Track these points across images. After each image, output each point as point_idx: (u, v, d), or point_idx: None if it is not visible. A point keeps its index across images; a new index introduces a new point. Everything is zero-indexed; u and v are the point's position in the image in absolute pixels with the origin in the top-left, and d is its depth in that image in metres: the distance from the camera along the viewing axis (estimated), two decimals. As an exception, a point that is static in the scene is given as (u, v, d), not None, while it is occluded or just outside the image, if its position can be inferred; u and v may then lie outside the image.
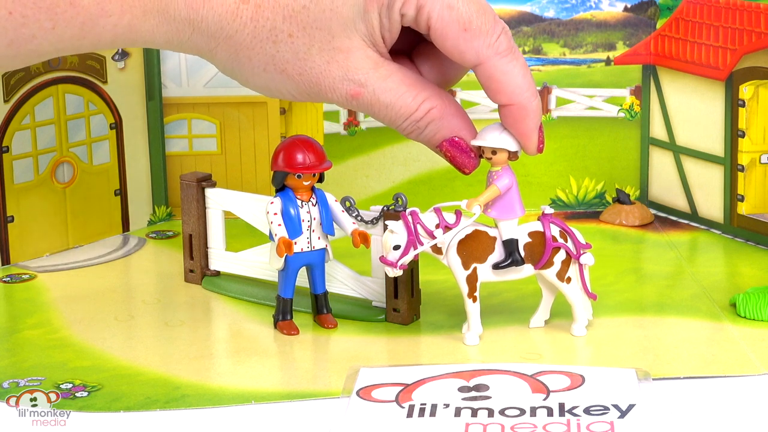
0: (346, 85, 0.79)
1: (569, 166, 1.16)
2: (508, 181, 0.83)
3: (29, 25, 0.74)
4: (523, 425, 0.70)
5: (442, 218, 0.83)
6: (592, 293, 0.86)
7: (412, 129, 0.81)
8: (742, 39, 1.05)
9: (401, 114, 0.80)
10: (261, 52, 0.78)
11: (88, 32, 0.75)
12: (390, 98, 0.79)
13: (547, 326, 0.87)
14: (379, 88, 0.79)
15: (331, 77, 0.79)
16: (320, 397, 0.76)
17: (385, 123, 0.81)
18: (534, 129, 0.81)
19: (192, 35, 0.78)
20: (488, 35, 0.77)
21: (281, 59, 0.78)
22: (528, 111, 0.79)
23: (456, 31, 0.77)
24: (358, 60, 0.78)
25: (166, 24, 0.77)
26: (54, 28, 0.75)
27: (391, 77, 0.79)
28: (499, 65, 0.78)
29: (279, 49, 0.78)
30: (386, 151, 1.16)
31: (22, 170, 1.03)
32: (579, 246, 0.85)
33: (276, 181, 0.86)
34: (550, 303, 0.87)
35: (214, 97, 1.14)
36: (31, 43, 0.75)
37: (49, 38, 0.75)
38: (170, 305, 0.94)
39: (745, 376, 0.79)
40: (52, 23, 0.74)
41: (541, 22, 1.16)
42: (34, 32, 0.75)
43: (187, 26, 0.77)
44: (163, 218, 1.15)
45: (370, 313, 0.90)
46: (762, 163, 1.06)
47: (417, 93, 0.80)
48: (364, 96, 0.79)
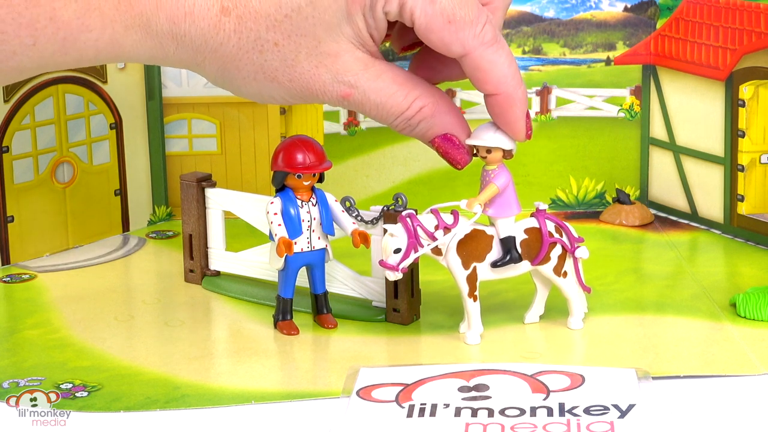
0: (337, 87, 0.79)
1: (569, 166, 1.16)
2: (506, 179, 0.83)
3: (9, 42, 0.74)
4: (523, 425, 0.70)
5: (440, 219, 0.83)
6: (586, 286, 0.87)
7: (404, 126, 0.81)
8: (742, 39, 1.05)
9: (393, 112, 0.80)
10: (249, 63, 0.78)
11: (69, 48, 0.75)
12: (381, 98, 0.79)
13: (547, 325, 0.87)
14: (369, 88, 0.79)
15: (321, 81, 0.79)
16: (320, 397, 0.76)
17: (377, 121, 0.81)
18: (521, 117, 0.81)
19: (176, 50, 0.77)
20: (473, 26, 0.78)
21: (270, 67, 0.78)
22: (514, 99, 0.80)
23: (440, 24, 0.77)
24: (347, 62, 0.78)
25: (149, 39, 0.77)
26: (35, 45, 0.75)
27: (382, 77, 0.79)
28: (485, 55, 0.78)
29: (266, 58, 0.78)
30: (386, 151, 1.16)
31: (22, 170, 1.03)
32: (573, 240, 0.85)
33: (276, 181, 0.86)
34: (544, 298, 0.88)
35: (214, 97, 1.14)
36: (12, 60, 0.75)
37: (30, 54, 0.75)
38: (170, 305, 0.94)
39: (745, 376, 0.79)
40: (32, 39, 0.74)
41: (541, 22, 1.16)
42: (15, 48, 0.75)
43: (170, 41, 0.77)
44: (163, 218, 1.15)
45: (370, 313, 0.90)
46: (762, 163, 1.06)
47: (408, 91, 0.80)
48: (354, 96, 0.79)
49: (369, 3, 0.77)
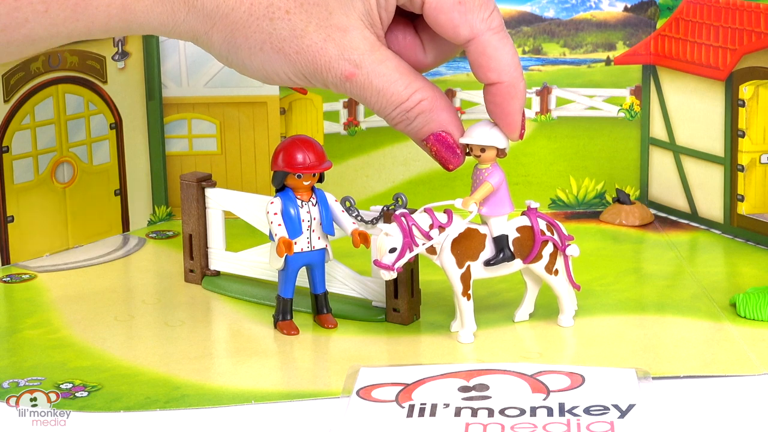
0: (342, 64, 0.79)
1: (569, 166, 1.16)
2: (500, 177, 0.83)
3: (22, 9, 0.74)
4: (523, 425, 0.70)
5: (435, 219, 0.83)
6: (576, 284, 0.87)
7: (401, 119, 0.81)
8: (742, 39, 1.05)
9: (392, 101, 0.80)
10: (257, 30, 0.78)
11: (80, 14, 0.76)
12: (382, 83, 0.79)
13: (547, 325, 0.87)
14: (373, 71, 0.79)
15: (328, 56, 0.78)
16: (320, 397, 0.76)
17: (374, 110, 0.81)
18: (519, 110, 0.81)
19: (187, 16, 0.77)
20: (482, 9, 0.78)
21: (278, 37, 0.78)
22: (516, 90, 0.80)
23: (451, 4, 0.77)
24: (355, 39, 0.78)
25: (161, 4, 0.77)
26: (47, 11, 0.75)
27: (386, 62, 0.79)
28: (492, 40, 0.78)
29: (276, 26, 0.77)
30: (386, 151, 1.16)
31: (22, 170, 1.03)
32: (564, 238, 0.86)
33: (276, 181, 0.86)
34: (534, 296, 0.88)
35: (214, 97, 1.14)
36: (24, 27, 0.75)
37: (42, 21, 0.75)
38: (170, 305, 0.94)
39: (745, 376, 0.79)
40: (44, 6, 0.75)
41: (541, 22, 1.16)
42: (27, 15, 0.75)
43: (182, 6, 0.77)
44: (163, 218, 1.15)
45: (370, 313, 0.90)
46: (762, 163, 1.06)
47: (410, 82, 0.80)
48: (357, 78, 0.79)
49: None
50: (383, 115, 0.81)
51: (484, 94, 0.81)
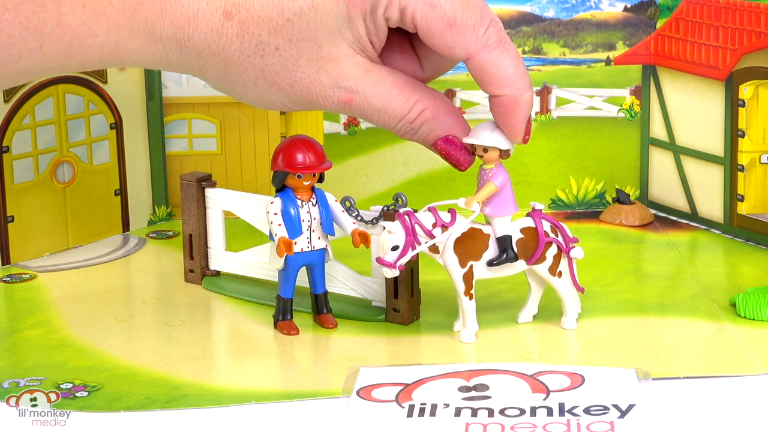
0: (338, 92, 0.79)
1: (569, 166, 1.16)
2: (504, 178, 0.83)
3: (16, 45, 0.75)
4: (523, 425, 0.70)
5: (438, 217, 0.83)
6: (580, 286, 0.87)
7: (406, 130, 0.81)
8: (742, 39, 1.05)
9: (394, 117, 0.80)
10: (250, 67, 0.78)
11: (75, 52, 0.76)
12: (382, 102, 0.80)
13: (547, 326, 0.87)
14: (370, 93, 0.79)
15: (322, 86, 0.79)
16: (320, 397, 0.76)
17: (379, 126, 0.81)
18: (522, 120, 0.81)
19: (180, 54, 0.78)
20: (475, 29, 0.77)
21: (271, 72, 0.78)
22: (519, 103, 0.80)
23: (442, 28, 0.77)
24: (348, 67, 0.79)
25: (153, 44, 0.77)
26: (41, 48, 0.75)
27: (382, 81, 0.80)
28: (489, 57, 0.78)
29: (267, 62, 0.78)
30: (386, 151, 1.16)
31: (22, 170, 1.03)
32: (568, 240, 0.85)
33: (276, 181, 0.86)
34: (538, 298, 0.88)
35: (214, 97, 1.14)
36: (18, 63, 0.76)
37: (36, 58, 0.76)
38: (170, 305, 0.94)
39: (745, 376, 0.79)
40: (38, 43, 0.75)
41: (541, 22, 1.16)
42: (21, 52, 0.75)
43: (174, 45, 0.78)
44: (163, 218, 1.15)
45: (370, 313, 0.90)
46: (762, 163, 1.06)
47: (409, 95, 0.80)
48: (356, 102, 0.79)
49: (370, 8, 0.77)
50: (388, 129, 0.82)
51: (489, 102, 0.81)
